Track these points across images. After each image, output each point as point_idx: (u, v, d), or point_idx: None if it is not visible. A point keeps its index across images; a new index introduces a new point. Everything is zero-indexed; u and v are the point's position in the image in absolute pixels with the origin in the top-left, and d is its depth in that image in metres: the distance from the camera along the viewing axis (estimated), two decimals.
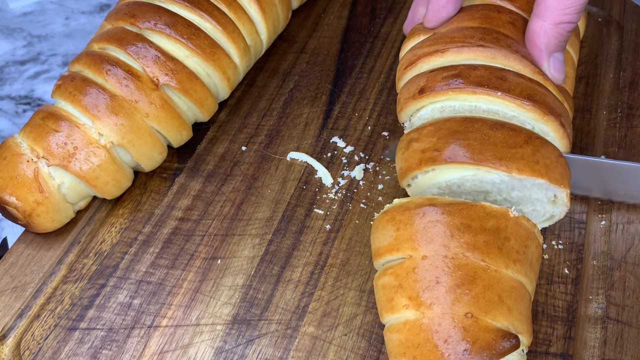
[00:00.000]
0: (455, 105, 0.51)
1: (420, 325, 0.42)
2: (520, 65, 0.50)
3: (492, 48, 0.50)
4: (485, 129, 0.48)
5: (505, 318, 0.42)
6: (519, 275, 0.44)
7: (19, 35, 0.85)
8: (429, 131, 0.49)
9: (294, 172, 0.61)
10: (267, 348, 0.50)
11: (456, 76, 0.50)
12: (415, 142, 0.50)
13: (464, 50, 0.51)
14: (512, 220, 0.45)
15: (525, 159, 0.47)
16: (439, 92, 0.50)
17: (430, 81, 0.51)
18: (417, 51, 0.53)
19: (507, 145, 0.47)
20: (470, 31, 0.51)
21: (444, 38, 0.52)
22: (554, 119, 0.49)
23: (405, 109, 0.53)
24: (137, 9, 0.59)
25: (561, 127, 0.49)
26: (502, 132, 0.47)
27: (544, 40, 0.49)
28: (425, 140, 0.49)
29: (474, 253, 0.43)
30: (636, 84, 0.65)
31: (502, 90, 0.49)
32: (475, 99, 0.50)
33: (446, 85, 0.50)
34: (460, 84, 0.49)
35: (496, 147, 0.47)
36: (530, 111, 0.49)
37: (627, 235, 0.55)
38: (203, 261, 0.55)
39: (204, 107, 0.61)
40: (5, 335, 0.52)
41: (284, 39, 0.73)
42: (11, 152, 0.55)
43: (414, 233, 0.45)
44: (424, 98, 0.51)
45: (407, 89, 0.53)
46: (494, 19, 0.52)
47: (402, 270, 0.44)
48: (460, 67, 0.50)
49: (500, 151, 0.47)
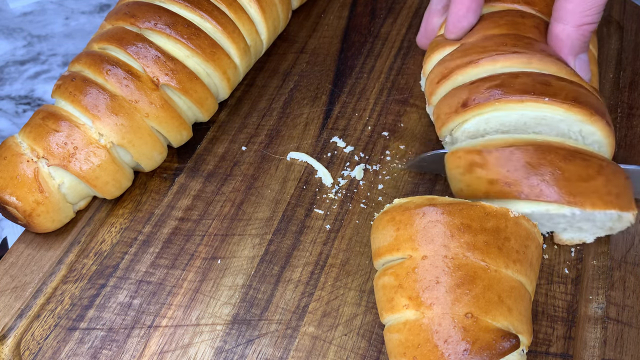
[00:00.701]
0: (501, 115, 0.49)
1: (420, 325, 0.43)
2: (556, 67, 0.49)
3: (527, 53, 0.49)
4: (558, 161, 0.47)
5: (505, 318, 0.42)
6: (519, 275, 0.44)
7: (19, 35, 0.85)
8: (496, 159, 0.48)
9: (294, 172, 0.61)
10: (267, 348, 0.50)
11: (499, 86, 0.49)
12: (480, 168, 0.48)
13: (499, 59, 0.50)
14: (512, 220, 0.45)
15: (598, 192, 0.46)
16: (484, 104, 0.49)
17: (472, 93, 0.50)
18: (449, 64, 0.52)
19: (580, 178, 0.46)
20: (501, 39, 0.51)
21: (475, 48, 0.51)
22: (600, 118, 0.48)
23: (448, 123, 0.52)
24: (137, 9, 0.59)
25: (607, 126, 0.49)
26: (574, 165, 0.46)
27: (568, 43, 0.49)
28: (493, 170, 0.48)
29: (474, 253, 0.43)
30: (636, 84, 0.65)
31: (548, 95, 0.48)
32: (522, 107, 0.49)
33: (490, 96, 0.49)
34: (505, 94, 0.48)
35: (570, 182, 0.46)
36: (578, 113, 0.48)
37: (627, 235, 0.55)
38: (203, 261, 0.55)
39: (204, 107, 0.61)
40: (5, 335, 0.52)
41: (284, 39, 0.73)
42: (11, 152, 0.55)
43: (414, 233, 0.45)
44: (469, 111, 0.50)
45: (446, 104, 0.52)
46: (520, 24, 0.52)
47: (402, 270, 0.44)
48: (502, 76, 0.49)
49: (574, 186, 0.46)
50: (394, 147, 0.62)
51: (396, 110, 0.65)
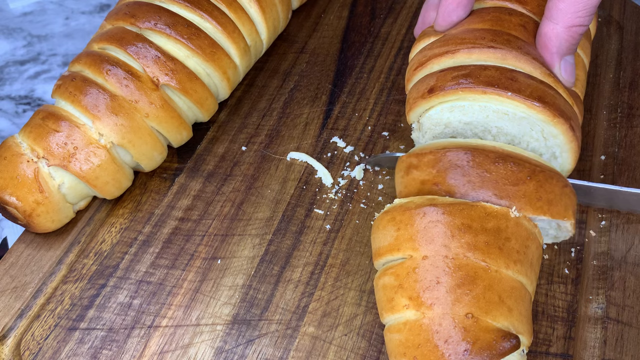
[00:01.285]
0: (465, 105, 0.50)
1: (421, 325, 0.42)
2: (531, 67, 0.49)
3: (503, 49, 0.50)
4: (487, 163, 0.46)
5: (506, 318, 0.42)
6: (520, 276, 0.44)
7: (19, 35, 0.85)
8: (429, 160, 0.48)
9: (294, 172, 0.61)
10: (267, 348, 0.50)
11: (466, 76, 0.49)
12: (415, 169, 0.49)
13: (474, 51, 0.50)
14: (512, 220, 0.44)
15: (527, 197, 0.45)
16: (449, 92, 0.50)
17: (440, 81, 0.50)
18: (427, 52, 0.53)
19: (509, 182, 0.46)
20: (481, 33, 0.51)
21: (454, 39, 0.52)
22: (564, 121, 0.48)
23: (415, 109, 0.53)
24: (137, 9, 0.59)
25: (570, 130, 0.49)
26: (504, 167, 0.46)
27: (556, 43, 0.49)
28: (425, 171, 0.48)
29: (474, 253, 0.43)
30: (636, 84, 0.65)
31: (512, 90, 0.48)
32: (486, 98, 0.49)
33: (456, 84, 0.49)
34: (470, 84, 0.49)
35: (497, 184, 0.46)
36: (540, 112, 0.48)
37: (627, 235, 0.55)
38: (203, 261, 0.55)
39: (204, 107, 0.61)
40: (5, 335, 0.52)
41: (284, 39, 0.73)
42: (11, 152, 0.55)
43: (415, 233, 0.45)
44: (434, 98, 0.50)
45: (416, 89, 0.53)
46: (505, 21, 0.52)
47: (403, 271, 0.44)
48: (471, 67, 0.50)
49: (502, 189, 0.46)
50: (394, 147, 0.62)
51: (396, 110, 0.65)
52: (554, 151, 0.51)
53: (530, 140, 0.51)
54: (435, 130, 0.53)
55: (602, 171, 0.59)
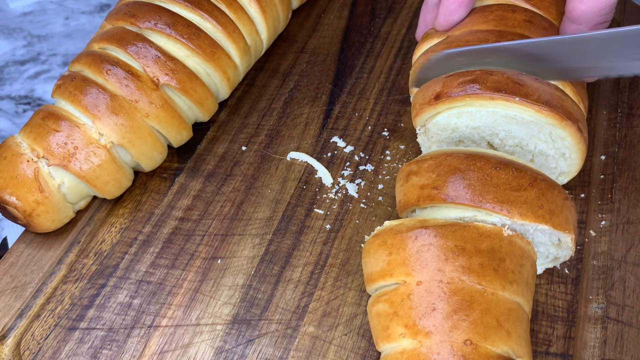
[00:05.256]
0: (473, 110, 0.49)
1: (419, 354, 0.41)
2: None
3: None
4: (488, 168, 0.45)
5: (505, 343, 0.42)
6: (516, 296, 0.43)
7: (19, 35, 0.85)
8: (429, 166, 0.47)
9: (294, 172, 0.61)
10: (267, 348, 0.50)
11: (473, 81, 0.48)
12: (414, 175, 0.48)
13: None
14: (506, 239, 0.44)
15: (529, 203, 0.45)
16: (456, 98, 0.49)
17: (446, 87, 0.49)
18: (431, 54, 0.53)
19: (510, 187, 0.45)
20: (485, 34, 0.50)
21: (457, 42, 0.51)
22: (572, 124, 0.48)
23: (421, 114, 0.52)
24: (137, 9, 0.59)
25: (579, 132, 0.48)
26: (505, 173, 0.45)
27: None
28: (424, 176, 0.47)
29: (469, 276, 0.42)
30: (636, 84, 0.65)
31: (520, 95, 0.47)
32: (493, 104, 0.48)
33: (462, 91, 0.48)
34: (477, 90, 0.48)
35: (498, 189, 0.45)
36: (548, 116, 0.48)
37: (627, 235, 0.55)
38: (203, 261, 0.55)
39: (204, 107, 0.61)
40: (5, 335, 0.52)
41: (284, 39, 0.73)
42: (11, 152, 0.55)
43: (407, 257, 0.43)
44: (440, 104, 0.50)
45: (422, 94, 0.52)
46: (509, 19, 0.51)
47: (397, 297, 0.43)
48: (477, 72, 0.49)
49: (503, 194, 0.45)
50: (394, 147, 0.62)
51: (396, 110, 0.65)
52: (563, 152, 0.51)
53: (538, 142, 0.50)
54: (442, 135, 0.53)
55: (602, 171, 0.59)
